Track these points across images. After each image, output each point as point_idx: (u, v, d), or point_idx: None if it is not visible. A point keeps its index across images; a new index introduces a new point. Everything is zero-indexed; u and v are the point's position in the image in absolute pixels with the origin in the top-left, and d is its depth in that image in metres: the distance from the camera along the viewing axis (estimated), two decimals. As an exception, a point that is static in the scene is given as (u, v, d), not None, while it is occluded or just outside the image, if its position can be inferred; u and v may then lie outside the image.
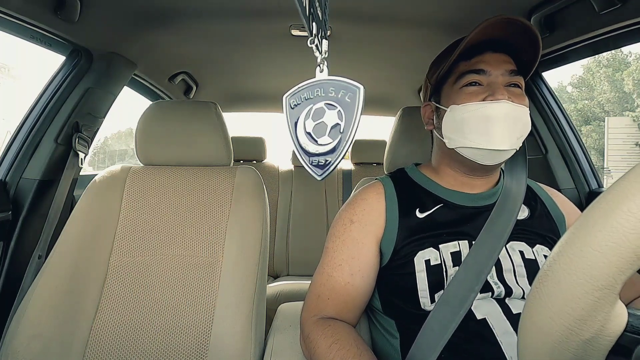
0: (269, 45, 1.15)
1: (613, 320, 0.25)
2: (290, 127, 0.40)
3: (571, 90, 17.66)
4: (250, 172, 0.87)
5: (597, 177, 1.11)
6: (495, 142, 0.56)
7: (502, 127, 0.56)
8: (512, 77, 0.59)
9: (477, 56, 0.60)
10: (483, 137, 0.57)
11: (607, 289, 0.23)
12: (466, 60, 0.61)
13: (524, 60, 0.61)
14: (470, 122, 0.58)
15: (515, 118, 0.57)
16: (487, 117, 0.56)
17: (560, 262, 0.25)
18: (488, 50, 0.60)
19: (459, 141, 0.59)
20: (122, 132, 6.85)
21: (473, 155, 0.59)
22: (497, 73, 0.59)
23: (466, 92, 0.59)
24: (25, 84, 10.92)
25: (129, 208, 0.82)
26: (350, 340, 0.53)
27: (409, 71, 1.39)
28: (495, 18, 0.56)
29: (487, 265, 0.54)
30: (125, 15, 0.93)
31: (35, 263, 0.93)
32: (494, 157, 0.58)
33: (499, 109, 0.56)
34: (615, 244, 0.23)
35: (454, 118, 0.60)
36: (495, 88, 0.57)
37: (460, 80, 0.61)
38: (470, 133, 0.58)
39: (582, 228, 0.25)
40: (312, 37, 0.37)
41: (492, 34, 0.58)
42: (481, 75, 0.59)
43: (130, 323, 0.72)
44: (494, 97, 0.56)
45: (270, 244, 1.67)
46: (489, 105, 0.56)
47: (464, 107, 0.58)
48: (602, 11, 0.74)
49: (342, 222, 0.64)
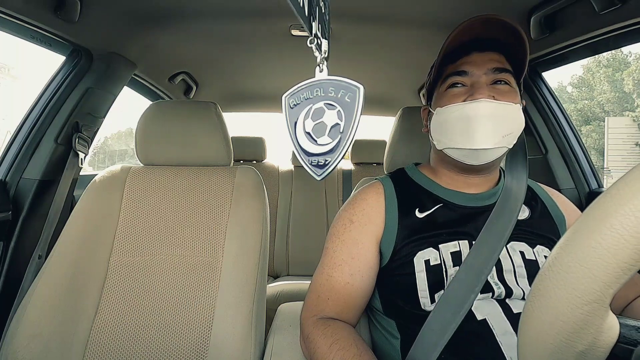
0: (269, 45, 1.15)
1: (605, 332, 0.25)
2: (289, 127, 0.40)
3: (571, 90, 17.66)
4: (250, 172, 0.87)
5: (597, 177, 1.11)
6: (476, 141, 0.56)
7: (482, 126, 0.56)
8: (498, 75, 0.59)
9: (463, 57, 0.61)
10: (463, 137, 0.57)
11: (595, 302, 0.24)
12: (453, 62, 0.62)
13: (518, 58, 0.61)
14: (452, 123, 0.59)
15: (498, 116, 0.56)
16: (466, 118, 0.57)
17: (550, 277, 0.26)
18: (475, 51, 0.60)
19: (445, 142, 0.61)
20: (122, 132, 6.84)
21: (458, 156, 0.60)
22: (480, 73, 0.59)
23: (450, 94, 0.60)
24: (25, 84, 10.94)
25: (129, 208, 0.82)
26: (350, 340, 0.53)
27: (409, 71, 1.39)
28: (472, 19, 0.57)
29: (488, 265, 0.54)
30: (125, 15, 0.93)
31: (35, 263, 0.93)
32: (479, 156, 0.58)
33: (478, 108, 0.56)
34: (601, 259, 0.23)
35: (439, 120, 0.61)
36: (477, 88, 0.58)
37: (445, 82, 0.62)
38: (453, 134, 0.59)
39: (570, 243, 0.25)
40: (312, 37, 0.37)
41: (478, 34, 0.59)
42: (463, 76, 0.60)
43: (130, 323, 0.72)
44: (473, 97, 0.57)
45: (270, 244, 1.67)
46: (467, 106, 0.57)
47: (446, 109, 0.60)
48: (602, 11, 0.74)
49: (342, 222, 0.64)
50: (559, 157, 1.12)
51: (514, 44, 0.59)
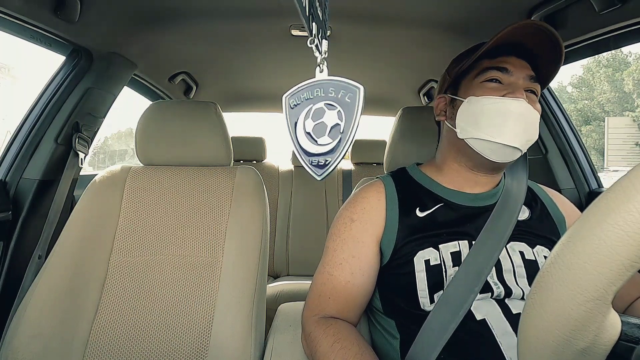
0: (269, 45, 1.15)
1: (607, 330, 0.25)
2: (290, 127, 0.40)
3: (571, 90, 17.66)
4: (250, 172, 0.87)
5: (597, 177, 1.11)
6: (508, 137, 0.56)
7: (517, 124, 0.57)
8: (531, 83, 0.60)
9: (503, 57, 0.61)
10: (496, 130, 0.57)
11: (598, 300, 0.24)
12: (490, 58, 0.61)
13: (543, 71, 0.62)
14: (488, 114, 0.58)
15: (529, 119, 0.58)
16: (505, 112, 0.57)
17: (551, 274, 0.26)
18: (513, 54, 0.61)
19: (472, 132, 0.59)
20: (122, 132, 6.83)
21: (482, 149, 0.59)
22: (519, 75, 0.60)
23: (487, 87, 0.60)
24: (25, 83, 10.91)
25: (129, 208, 0.82)
26: (351, 339, 0.53)
27: (409, 71, 1.39)
28: (525, 22, 0.57)
29: (487, 265, 0.54)
30: (125, 15, 0.93)
31: (35, 263, 0.93)
32: (503, 153, 0.58)
33: (518, 106, 0.56)
34: (603, 256, 0.23)
35: (471, 109, 0.60)
36: (516, 88, 0.58)
37: (483, 74, 0.61)
38: (485, 125, 0.58)
39: (572, 240, 0.25)
40: (312, 37, 0.37)
41: (517, 39, 0.59)
42: (504, 73, 0.60)
43: (130, 323, 0.72)
44: (514, 95, 0.57)
45: (270, 244, 1.67)
46: (508, 101, 0.57)
47: (484, 99, 0.59)
48: (602, 11, 0.74)
49: (343, 221, 0.64)
50: (559, 157, 1.12)
51: (547, 57, 0.60)
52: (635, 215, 0.22)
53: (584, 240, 0.24)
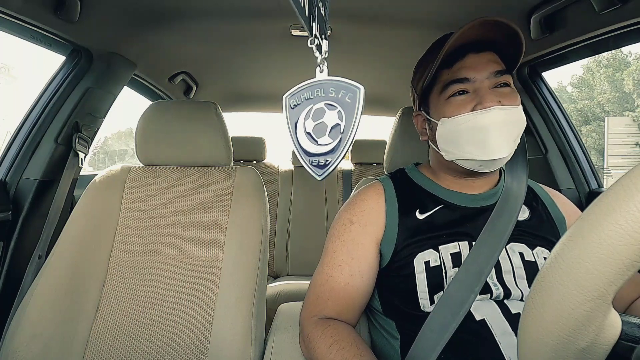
0: (269, 45, 1.15)
1: (607, 330, 0.25)
2: (290, 127, 0.40)
3: (571, 90, 17.66)
4: (250, 172, 0.87)
5: (597, 177, 1.11)
6: (493, 152, 0.55)
7: (497, 135, 0.55)
8: (499, 78, 0.57)
9: (459, 61, 0.58)
10: (480, 148, 0.56)
11: (599, 299, 0.23)
12: (448, 67, 0.59)
13: (510, 55, 0.59)
14: (464, 134, 0.56)
15: (509, 122, 0.56)
16: (480, 128, 0.55)
17: (552, 274, 0.26)
18: (470, 52, 0.58)
19: (457, 154, 0.59)
20: (122, 132, 6.82)
21: (473, 166, 0.59)
22: (482, 77, 0.57)
23: (454, 103, 0.58)
24: (25, 83, 10.93)
25: (129, 208, 0.82)
26: (350, 340, 0.53)
27: (409, 71, 1.38)
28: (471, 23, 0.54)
29: (487, 266, 0.54)
30: (125, 15, 0.93)
31: (35, 263, 0.93)
32: (494, 164, 0.58)
33: (491, 117, 0.54)
34: (604, 256, 0.23)
35: (447, 131, 0.59)
36: (483, 94, 0.56)
37: (446, 91, 0.59)
38: (467, 145, 0.57)
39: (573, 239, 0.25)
40: (312, 37, 0.37)
41: (473, 36, 0.57)
42: (465, 83, 0.58)
43: (130, 323, 0.72)
44: (483, 106, 0.55)
45: (270, 244, 1.67)
46: (479, 116, 0.55)
47: (455, 120, 0.57)
48: (602, 11, 0.74)
49: (342, 223, 0.64)
50: (559, 157, 1.12)
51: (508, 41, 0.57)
52: (636, 214, 0.22)
53: (584, 239, 0.24)
